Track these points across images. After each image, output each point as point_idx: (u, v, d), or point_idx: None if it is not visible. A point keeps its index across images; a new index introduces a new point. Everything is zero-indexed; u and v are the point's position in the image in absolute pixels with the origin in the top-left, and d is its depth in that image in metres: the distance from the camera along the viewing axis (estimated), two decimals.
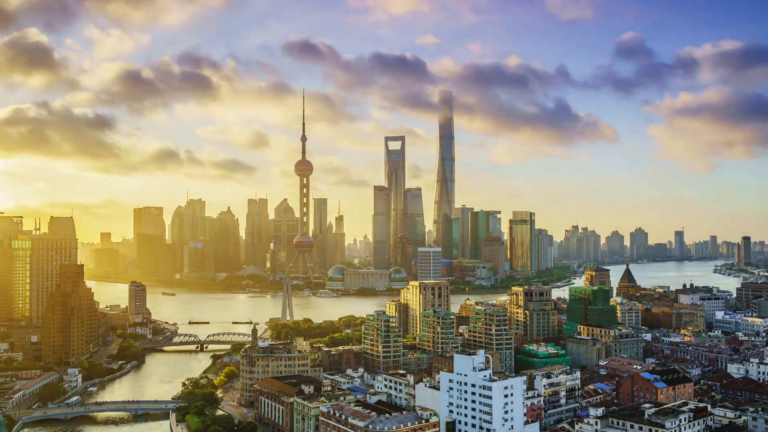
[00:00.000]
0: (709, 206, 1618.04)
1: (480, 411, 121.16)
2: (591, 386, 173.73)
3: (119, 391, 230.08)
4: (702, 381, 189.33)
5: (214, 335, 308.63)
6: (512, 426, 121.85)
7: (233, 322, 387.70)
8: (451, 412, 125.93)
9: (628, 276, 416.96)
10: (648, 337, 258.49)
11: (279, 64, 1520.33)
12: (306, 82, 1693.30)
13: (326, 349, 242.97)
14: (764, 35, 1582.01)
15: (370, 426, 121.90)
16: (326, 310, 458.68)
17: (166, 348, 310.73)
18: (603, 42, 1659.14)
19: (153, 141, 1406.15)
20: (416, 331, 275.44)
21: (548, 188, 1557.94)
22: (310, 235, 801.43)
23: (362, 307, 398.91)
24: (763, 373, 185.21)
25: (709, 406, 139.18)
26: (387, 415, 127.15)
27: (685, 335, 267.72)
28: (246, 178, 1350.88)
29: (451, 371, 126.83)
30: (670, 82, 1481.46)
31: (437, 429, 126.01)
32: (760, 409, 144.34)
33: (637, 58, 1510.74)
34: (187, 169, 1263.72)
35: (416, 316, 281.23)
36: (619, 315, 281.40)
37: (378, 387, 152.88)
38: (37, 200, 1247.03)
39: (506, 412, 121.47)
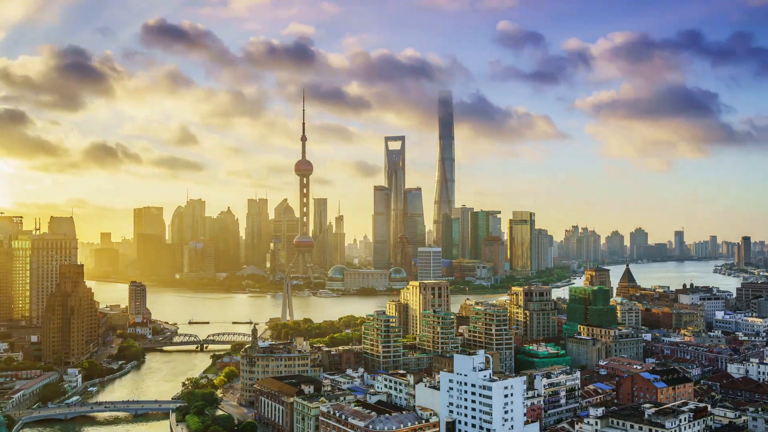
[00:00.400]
0: (692, 206, 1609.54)
1: (480, 411, 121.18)
2: (591, 386, 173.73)
3: (119, 391, 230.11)
4: (702, 381, 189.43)
5: (214, 335, 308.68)
6: (512, 426, 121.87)
7: (233, 322, 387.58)
8: (451, 412, 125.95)
9: (628, 276, 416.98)
10: (648, 337, 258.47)
11: (155, 55, 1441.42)
12: (197, 76, 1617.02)
13: (326, 349, 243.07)
14: (638, 24, 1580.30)
15: (370, 426, 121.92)
16: (326, 310, 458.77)
17: (166, 348, 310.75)
18: (475, 31, 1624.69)
19: (81, 138, 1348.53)
20: (416, 331, 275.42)
21: (516, 188, 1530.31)
22: (310, 235, 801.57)
23: (362, 307, 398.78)
24: (763, 373, 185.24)
25: (709, 406, 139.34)
26: (387, 415, 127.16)
27: (685, 335, 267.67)
28: (195, 175, 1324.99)
29: (451, 371, 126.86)
30: (575, 76, 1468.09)
31: (437, 429, 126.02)
32: (760, 409, 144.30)
33: (527, 49, 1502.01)
34: (127, 167, 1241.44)
35: (416, 316, 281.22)
36: (619, 315, 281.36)
37: (378, 387, 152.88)
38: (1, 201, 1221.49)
39: (506, 412, 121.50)
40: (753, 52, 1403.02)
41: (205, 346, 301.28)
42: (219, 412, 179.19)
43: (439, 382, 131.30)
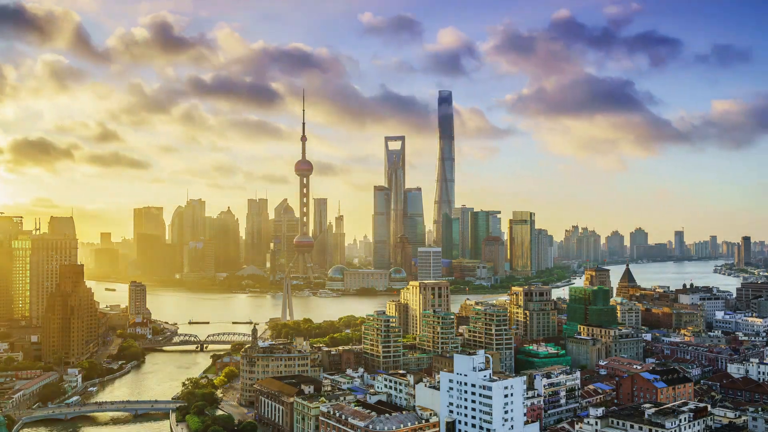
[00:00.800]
0: (661, 204, 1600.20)
1: (480, 411, 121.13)
2: (591, 386, 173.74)
3: (119, 391, 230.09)
4: (702, 381, 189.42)
5: (214, 335, 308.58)
6: (512, 426, 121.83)
7: (233, 322, 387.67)
8: (451, 412, 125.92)
9: (628, 276, 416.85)
10: (648, 337, 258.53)
11: (16, 47, 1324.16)
12: (77, 69, 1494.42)
13: (326, 349, 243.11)
14: (504, 15, 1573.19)
15: (370, 426, 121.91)
16: (326, 310, 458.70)
17: (166, 348, 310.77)
18: (336, 22, 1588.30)
19: (3, 134, 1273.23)
20: (416, 331, 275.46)
21: (475, 187, 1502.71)
22: (310, 235, 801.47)
23: (362, 307, 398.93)
24: (763, 373, 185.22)
25: (709, 406, 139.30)
26: (387, 415, 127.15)
27: (685, 335, 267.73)
28: (144, 174, 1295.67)
29: (451, 371, 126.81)
30: (477, 71, 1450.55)
31: (437, 429, 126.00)
32: (760, 409, 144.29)
33: (405, 42, 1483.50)
34: (63, 164, 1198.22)
35: (416, 316, 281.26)
36: (619, 315, 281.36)
37: (378, 387, 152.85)
38: None
39: (506, 412, 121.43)
40: (639, 40, 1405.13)
41: (205, 346, 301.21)
42: (219, 412, 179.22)
43: (439, 382, 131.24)
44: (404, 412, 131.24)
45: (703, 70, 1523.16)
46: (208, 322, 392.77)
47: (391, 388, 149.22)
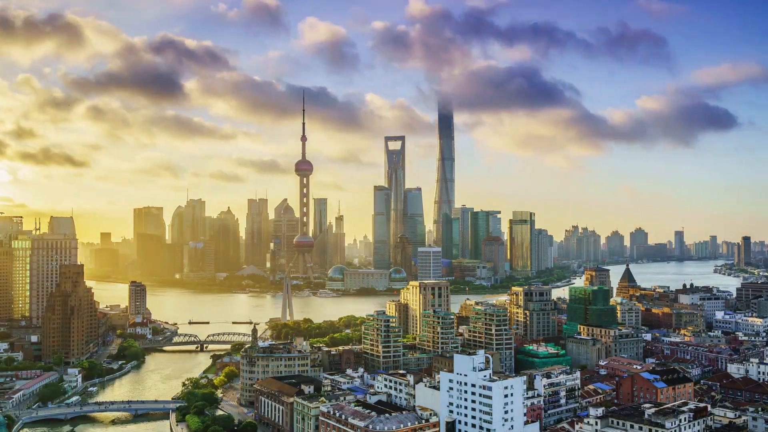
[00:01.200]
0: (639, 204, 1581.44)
1: (480, 411, 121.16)
2: (591, 386, 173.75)
3: (119, 391, 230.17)
4: (702, 381, 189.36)
5: (214, 335, 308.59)
6: (512, 426, 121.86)
7: (233, 322, 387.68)
8: (451, 412, 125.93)
9: (628, 276, 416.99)
10: (648, 337, 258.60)
11: None
12: None
13: (326, 349, 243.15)
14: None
15: (370, 426, 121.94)
16: (326, 310, 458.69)
17: (166, 348, 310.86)
18: (181, 11, 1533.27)
19: None
20: (416, 331, 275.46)
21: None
22: (310, 235, 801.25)
23: (362, 307, 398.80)
24: (763, 373, 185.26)
25: (709, 406, 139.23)
26: (387, 415, 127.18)
27: (685, 335, 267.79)
28: (87, 172, 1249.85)
29: (451, 371, 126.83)
30: (373, 68, 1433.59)
31: (437, 429, 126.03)
32: (760, 409, 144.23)
33: (274, 34, 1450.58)
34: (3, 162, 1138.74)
35: (416, 316, 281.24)
36: (619, 315, 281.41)
37: (378, 387, 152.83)
38: None
39: (506, 412, 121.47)
40: (518, 31, 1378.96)
41: (205, 346, 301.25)
42: (219, 412, 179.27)
43: (439, 382, 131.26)
44: (404, 412, 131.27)
45: (595, 57, 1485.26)
46: (208, 322, 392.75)
47: (391, 388, 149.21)
